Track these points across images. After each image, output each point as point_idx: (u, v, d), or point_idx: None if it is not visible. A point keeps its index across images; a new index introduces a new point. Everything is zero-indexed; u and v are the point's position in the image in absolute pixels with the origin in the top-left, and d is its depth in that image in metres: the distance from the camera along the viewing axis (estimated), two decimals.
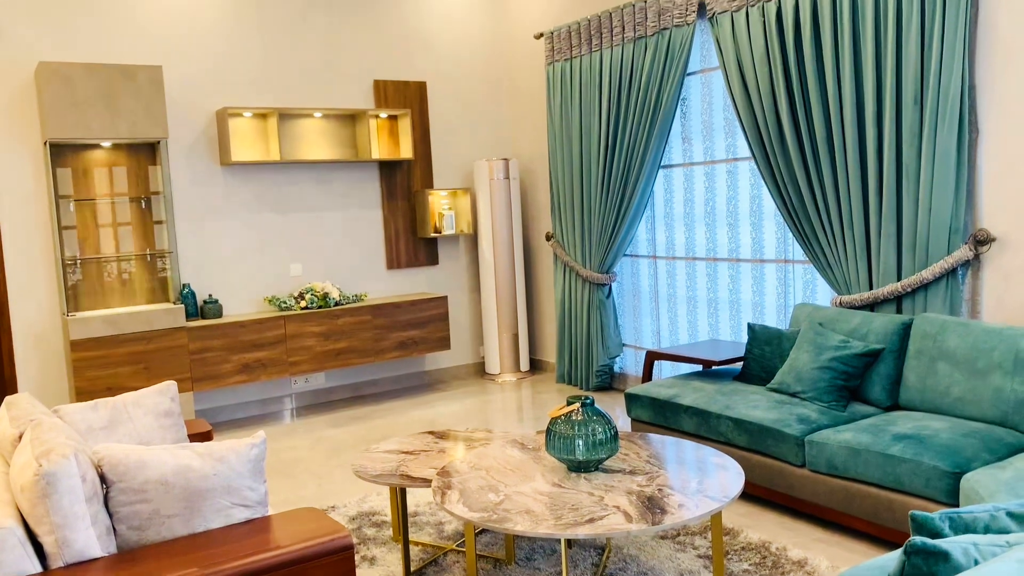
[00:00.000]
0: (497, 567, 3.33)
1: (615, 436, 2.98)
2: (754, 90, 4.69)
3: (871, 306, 4.29)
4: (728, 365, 4.74)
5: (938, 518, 1.65)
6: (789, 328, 4.40)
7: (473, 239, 7.07)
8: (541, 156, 6.89)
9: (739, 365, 5.07)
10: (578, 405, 3.00)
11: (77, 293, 5.43)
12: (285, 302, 5.96)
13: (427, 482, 3.16)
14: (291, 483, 4.56)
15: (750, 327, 4.43)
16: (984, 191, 3.90)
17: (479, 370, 7.16)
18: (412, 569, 3.36)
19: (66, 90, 5.04)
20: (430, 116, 6.80)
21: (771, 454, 3.71)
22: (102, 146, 5.46)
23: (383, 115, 6.45)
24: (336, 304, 6.11)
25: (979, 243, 3.88)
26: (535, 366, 7.19)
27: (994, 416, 3.42)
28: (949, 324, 3.69)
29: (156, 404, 3.08)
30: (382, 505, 4.06)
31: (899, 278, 4.16)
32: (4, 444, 2.47)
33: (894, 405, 3.87)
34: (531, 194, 7.06)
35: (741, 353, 4.72)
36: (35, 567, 2.02)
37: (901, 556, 1.45)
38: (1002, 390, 3.40)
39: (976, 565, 1.42)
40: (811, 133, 4.46)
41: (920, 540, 1.43)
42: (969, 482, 2.92)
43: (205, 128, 5.86)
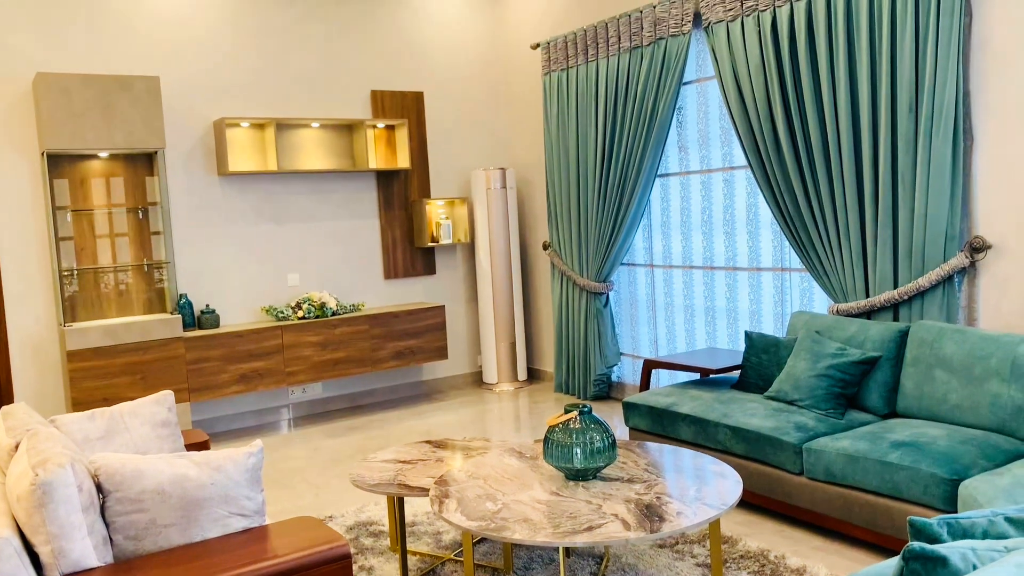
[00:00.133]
0: None
1: (613, 444, 2.98)
2: (750, 99, 4.71)
3: (868, 314, 4.29)
4: (726, 373, 4.74)
5: (936, 523, 1.65)
6: (786, 336, 4.40)
7: (470, 248, 7.08)
8: (538, 165, 6.91)
9: (737, 373, 5.07)
10: (576, 413, 2.99)
11: (74, 303, 5.42)
12: (282, 312, 5.96)
13: (425, 491, 3.15)
14: (288, 493, 4.54)
15: (747, 335, 4.43)
16: (979, 198, 3.91)
17: (476, 380, 7.15)
18: None
19: (63, 101, 5.05)
20: (427, 126, 6.82)
21: (769, 462, 3.71)
22: (99, 156, 5.47)
23: (380, 125, 6.47)
24: (333, 314, 6.11)
25: (975, 250, 3.90)
26: (533, 375, 7.18)
27: (991, 423, 3.43)
28: (946, 331, 3.70)
29: (153, 414, 3.08)
30: (380, 515, 4.05)
31: (895, 286, 4.17)
32: (1, 454, 2.46)
33: (891, 413, 3.87)
34: (528, 203, 7.07)
35: (739, 361, 4.72)
36: None
37: (899, 562, 1.45)
38: (999, 397, 3.41)
39: (974, 570, 1.42)
40: (807, 141, 4.48)
41: (918, 545, 1.43)
42: (967, 489, 2.92)
43: (202, 138, 5.87)
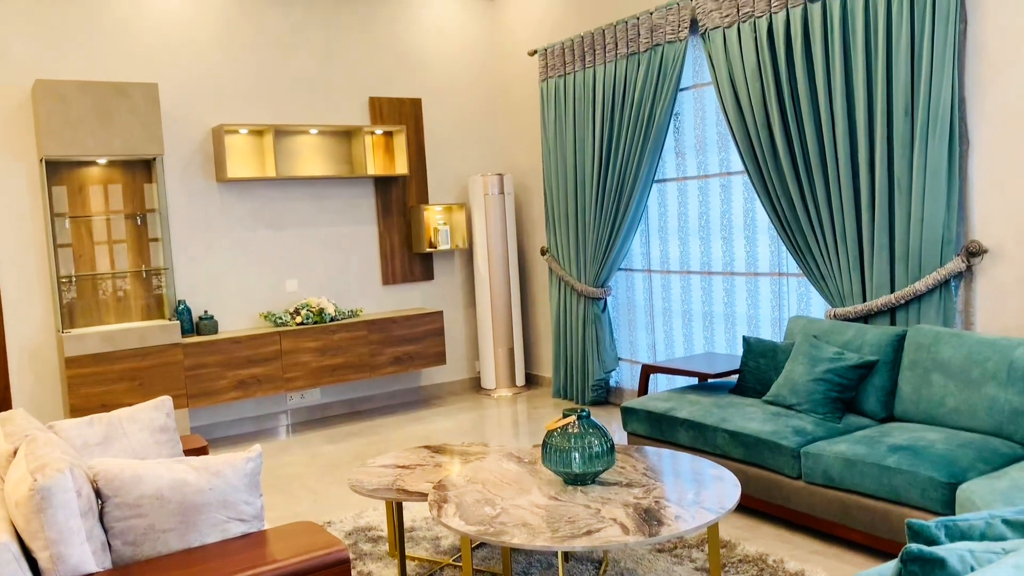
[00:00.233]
0: None
1: (611, 448, 2.98)
2: (746, 105, 4.72)
3: (865, 318, 4.30)
4: (724, 378, 4.75)
5: (934, 526, 1.66)
6: (784, 341, 4.41)
7: (468, 254, 7.08)
8: (536, 171, 6.92)
9: (734, 378, 5.07)
10: (574, 418, 2.99)
11: (72, 310, 5.42)
12: (281, 318, 5.96)
13: (423, 496, 3.15)
14: (287, 499, 4.54)
15: (745, 340, 4.44)
16: (976, 202, 3.93)
17: (475, 385, 7.15)
18: None
19: (62, 108, 5.06)
20: (425, 132, 6.83)
21: (767, 466, 3.71)
22: (98, 163, 5.47)
23: (378, 131, 6.48)
24: (332, 320, 6.11)
25: (971, 254, 3.91)
26: (531, 381, 7.18)
27: (989, 426, 3.43)
28: (943, 335, 3.71)
29: (151, 420, 3.08)
30: (378, 520, 4.05)
31: (892, 290, 4.18)
32: None
33: (889, 416, 3.88)
34: (526, 209, 7.08)
35: (736, 366, 4.73)
36: None
37: (897, 564, 1.46)
38: (996, 400, 3.41)
39: (972, 572, 1.42)
40: (803, 146, 4.49)
41: (916, 547, 1.43)
42: (965, 492, 2.92)
43: (201, 145, 5.88)
